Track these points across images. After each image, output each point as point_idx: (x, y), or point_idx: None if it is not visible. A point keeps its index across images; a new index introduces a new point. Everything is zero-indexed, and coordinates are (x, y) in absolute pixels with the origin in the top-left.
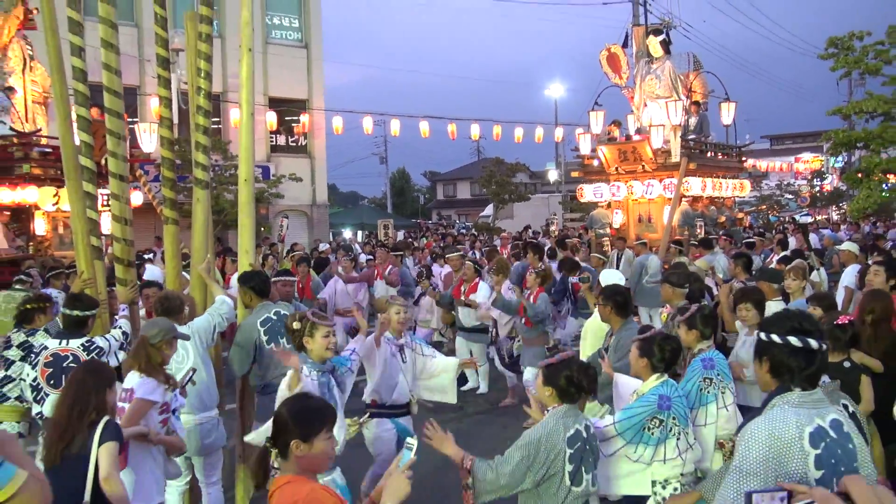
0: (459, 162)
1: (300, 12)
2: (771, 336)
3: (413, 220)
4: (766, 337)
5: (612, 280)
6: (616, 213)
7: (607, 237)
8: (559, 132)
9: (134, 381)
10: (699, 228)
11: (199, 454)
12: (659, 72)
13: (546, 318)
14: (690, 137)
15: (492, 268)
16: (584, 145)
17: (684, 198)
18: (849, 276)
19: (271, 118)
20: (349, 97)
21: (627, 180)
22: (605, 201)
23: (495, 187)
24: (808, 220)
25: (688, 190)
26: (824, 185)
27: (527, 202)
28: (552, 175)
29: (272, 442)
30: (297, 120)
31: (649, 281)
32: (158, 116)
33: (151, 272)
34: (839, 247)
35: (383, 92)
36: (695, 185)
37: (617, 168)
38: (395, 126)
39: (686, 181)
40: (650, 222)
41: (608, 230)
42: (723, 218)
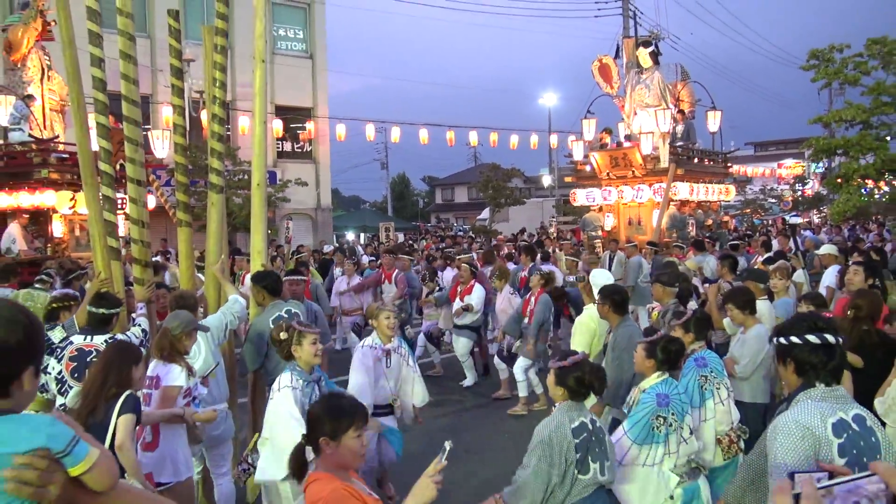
0: (457, 167)
1: (306, 25)
2: (790, 338)
3: (413, 223)
4: (785, 340)
5: (602, 280)
6: (607, 216)
7: (599, 239)
8: (553, 139)
9: (158, 368)
10: (691, 229)
11: (208, 444)
12: (648, 82)
13: (546, 319)
14: (678, 144)
15: (494, 273)
16: (577, 152)
17: (672, 202)
18: (829, 276)
19: (277, 125)
20: (352, 105)
21: (618, 185)
22: (597, 205)
23: (492, 192)
24: (798, 220)
25: (676, 194)
26: (806, 190)
27: (522, 206)
28: (546, 180)
29: (307, 438)
30: (303, 127)
31: (643, 280)
32: (172, 124)
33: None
34: (818, 251)
35: (384, 100)
36: (682, 189)
37: (608, 173)
38: (396, 133)
39: (674, 186)
40: (640, 225)
41: (600, 233)
42: (709, 221)
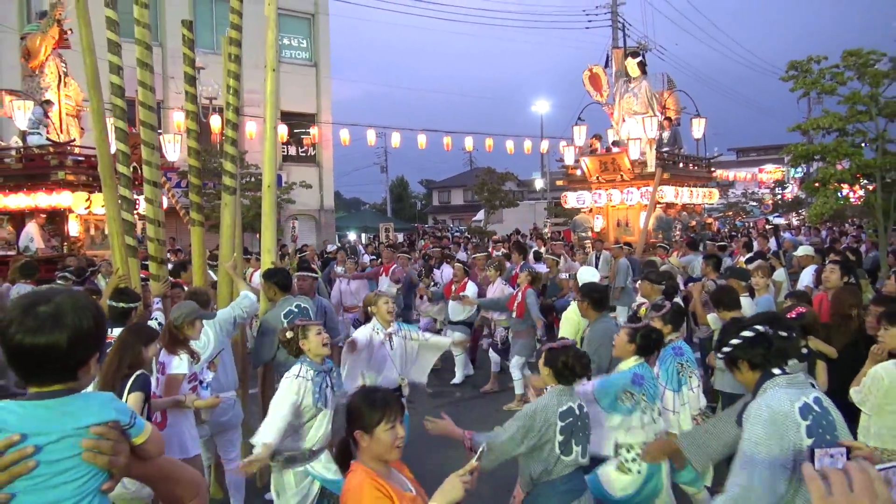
0: (453, 171)
1: (310, 34)
2: (731, 343)
3: (411, 223)
4: (728, 348)
5: (588, 276)
6: (597, 218)
7: (588, 240)
8: (545, 144)
9: (164, 357)
10: (677, 232)
11: (217, 431)
12: (636, 90)
13: (531, 311)
14: (664, 150)
15: (493, 263)
16: (568, 156)
17: (659, 204)
18: (807, 275)
19: (282, 130)
20: (353, 111)
21: (607, 188)
22: (587, 207)
23: (487, 194)
24: (781, 221)
25: (662, 197)
26: (785, 194)
27: (515, 208)
28: (538, 183)
29: (346, 431)
30: (307, 132)
31: (635, 280)
32: (185, 128)
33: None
34: (796, 252)
35: (384, 107)
36: (668, 192)
37: (598, 177)
38: (396, 138)
39: (660, 189)
40: (628, 226)
41: (590, 233)
42: (693, 222)
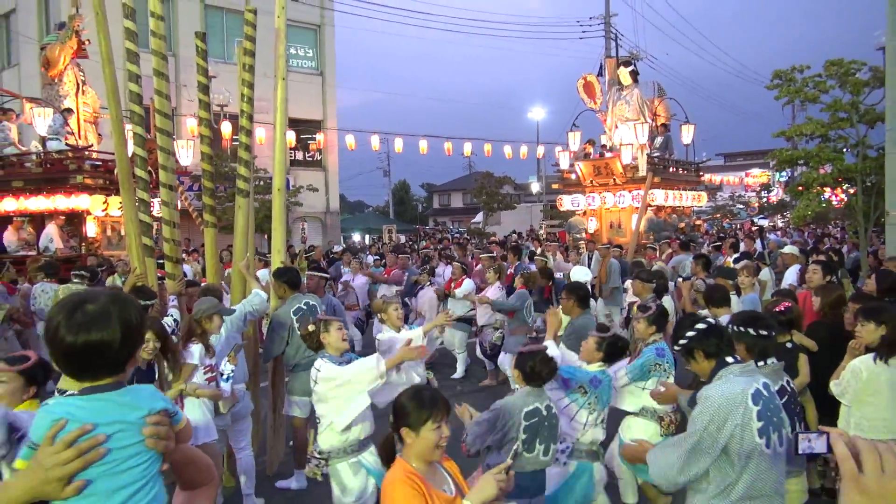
0: (453, 175)
1: (316, 44)
2: (686, 336)
3: (412, 225)
4: (684, 339)
5: (580, 275)
6: (591, 220)
7: (583, 241)
8: (541, 150)
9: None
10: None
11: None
12: (628, 98)
13: (515, 307)
14: (655, 155)
15: (492, 266)
16: (563, 161)
17: (650, 207)
18: (791, 274)
19: (290, 136)
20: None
21: (601, 192)
22: (582, 210)
23: (485, 197)
24: (766, 222)
25: (653, 200)
26: (771, 197)
27: (512, 210)
28: (535, 187)
29: (392, 427)
30: (313, 138)
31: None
32: (199, 134)
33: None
34: (782, 250)
35: (387, 113)
36: (659, 196)
37: (592, 181)
38: (398, 143)
39: (651, 193)
40: (620, 228)
41: (584, 235)
42: (682, 224)
